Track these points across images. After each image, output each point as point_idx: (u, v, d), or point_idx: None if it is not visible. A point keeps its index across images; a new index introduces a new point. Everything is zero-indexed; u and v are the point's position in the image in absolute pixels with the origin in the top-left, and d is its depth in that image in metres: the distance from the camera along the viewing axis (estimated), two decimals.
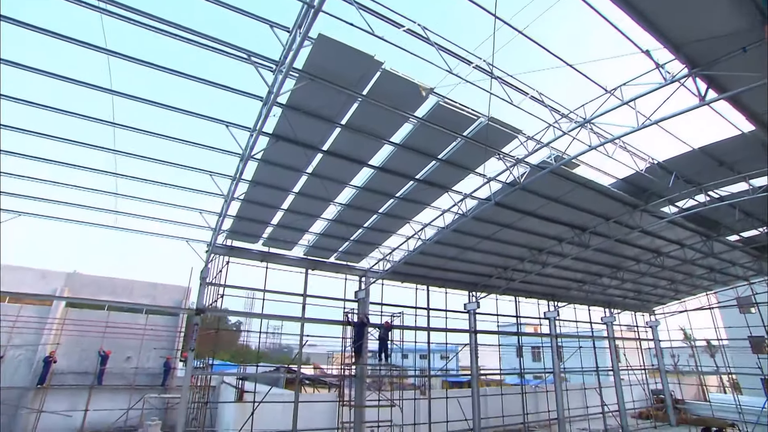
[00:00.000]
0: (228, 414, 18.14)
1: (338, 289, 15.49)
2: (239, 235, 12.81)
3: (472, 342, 17.95)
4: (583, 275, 20.53)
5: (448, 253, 15.53)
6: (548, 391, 21.61)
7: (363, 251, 14.63)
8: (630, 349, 28.44)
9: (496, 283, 18.78)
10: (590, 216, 13.93)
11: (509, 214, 13.26)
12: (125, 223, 11.76)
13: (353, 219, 12.44)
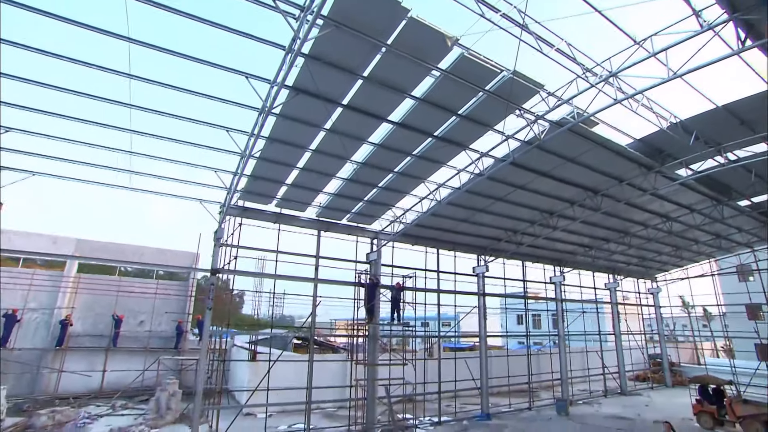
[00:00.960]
0: (241, 373, 18.74)
1: (349, 252, 15.67)
2: (253, 195, 12.78)
3: (480, 304, 18.29)
4: (590, 240, 20.70)
5: (460, 215, 15.58)
6: (552, 353, 22.23)
7: (376, 212, 14.66)
8: (631, 314, 29.15)
9: (505, 247, 18.94)
10: (604, 178, 13.89)
11: (524, 175, 13.21)
12: (139, 183, 11.71)
13: (368, 178, 12.39)
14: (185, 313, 22.29)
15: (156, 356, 20.37)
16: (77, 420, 14.80)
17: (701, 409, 16.82)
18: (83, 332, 20.34)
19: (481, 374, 17.74)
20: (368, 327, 14.12)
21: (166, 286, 22.43)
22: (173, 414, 15.80)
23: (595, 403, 21.21)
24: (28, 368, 18.25)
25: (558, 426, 16.30)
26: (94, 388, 19.26)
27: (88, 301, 20.77)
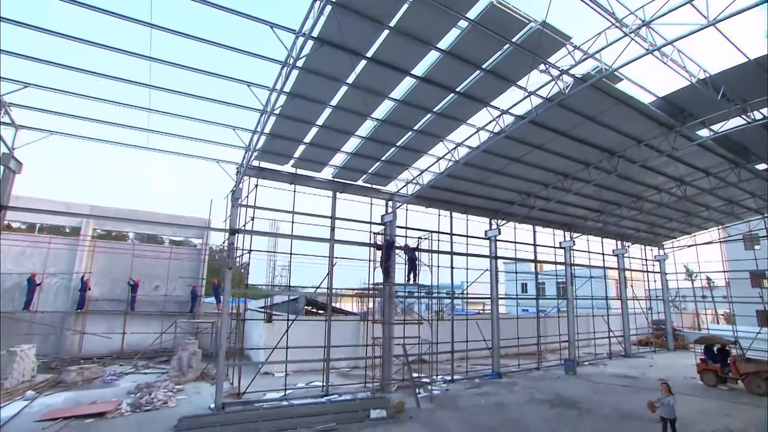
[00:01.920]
0: (257, 334, 19.25)
1: (364, 215, 15.72)
2: (270, 155, 12.73)
3: (492, 267, 18.52)
4: (602, 204, 20.71)
5: (476, 177, 15.57)
6: (560, 316, 22.67)
7: (392, 173, 14.63)
8: (637, 281, 29.59)
9: (517, 211, 19.00)
10: (622, 138, 13.75)
11: (542, 134, 13.10)
12: (157, 142, 11.65)
13: (387, 137, 12.29)
14: (199, 278, 22.67)
15: (172, 320, 20.90)
16: (104, 376, 15.35)
17: (705, 368, 17.28)
18: (101, 297, 20.79)
19: (493, 335, 18.19)
20: (384, 287, 14.37)
21: (178, 252, 22.73)
22: (194, 372, 16.36)
23: (600, 364, 21.82)
24: (52, 330, 18.81)
25: (567, 383, 16.82)
26: (115, 350, 19.89)
27: (103, 266, 21.12)
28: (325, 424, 10.50)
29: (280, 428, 10.20)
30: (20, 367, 14.23)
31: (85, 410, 11.36)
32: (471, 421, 11.42)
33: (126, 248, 21.73)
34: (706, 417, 12.36)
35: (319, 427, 10.25)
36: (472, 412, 12.30)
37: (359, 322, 19.14)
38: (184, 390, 14.11)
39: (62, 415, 10.91)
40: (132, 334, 20.37)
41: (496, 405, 13.16)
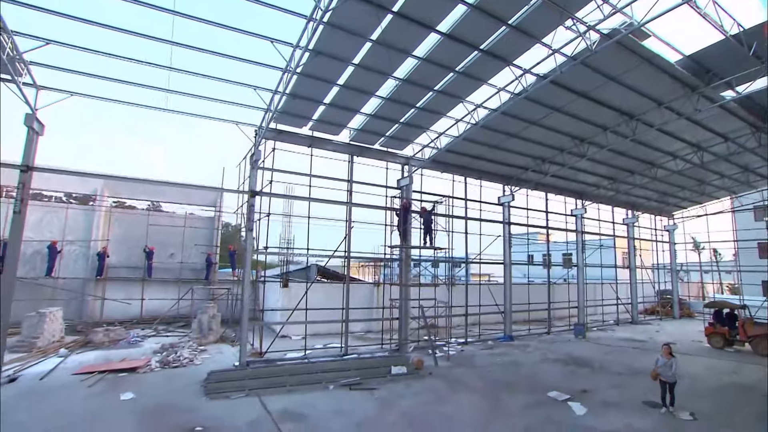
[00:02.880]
0: (273, 299, 19.68)
1: (379, 181, 15.75)
2: (289, 116, 12.65)
3: (505, 233, 18.67)
4: (615, 171, 20.60)
5: (493, 141, 15.49)
6: (569, 283, 22.99)
7: (409, 136, 14.56)
8: (645, 251, 29.79)
9: (530, 177, 18.97)
10: (643, 100, 13.54)
11: (563, 95, 12.94)
12: (176, 104, 11.60)
13: (407, 97, 12.17)
14: (213, 245, 22.99)
15: (188, 287, 21.36)
16: (129, 338, 15.84)
17: (713, 331, 17.63)
18: (118, 264, 21.17)
19: (505, 299, 18.53)
20: (402, 250, 14.56)
21: (192, 221, 22.95)
22: (215, 334, 16.86)
23: (608, 330, 22.28)
24: (73, 295, 19.28)
25: (578, 345, 17.24)
26: (134, 315, 20.40)
27: (119, 235, 21.41)
28: (348, 379, 10.89)
29: (304, 382, 10.59)
30: (50, 327, 14.72)
31: (117, 366, 11.82)
32: (488, 376, 11.81)
33: (141, 216, 21.94)
34: (714, 374, 12.72)
35: (344, 381, 10.64)
36: (488, 369, 12.70)
37: (373, 287, 19.50)
38: (207, 350, 14.57)
39: (97, 369, 11.38)
40: (150, 300, 20.84)
41: (512, 363, 13.56)
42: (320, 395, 9.69)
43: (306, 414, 8.36)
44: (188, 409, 8.53)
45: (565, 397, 9.81)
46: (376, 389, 10.18)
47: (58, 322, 15.43)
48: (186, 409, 8.58)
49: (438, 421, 8.22)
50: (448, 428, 7.81)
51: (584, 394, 10.13)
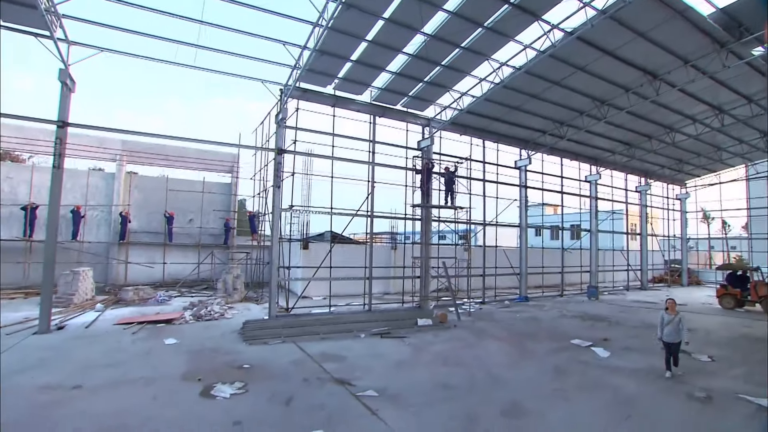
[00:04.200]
0: (294, 258, 20.16)
1: (399, 142, 15.84)
2: (314, 74, 12.63)
3: (522, 196, 18.85)
4: (632, 137, 20.52)
5: (513, 102, 15.46)
6: (582, 250, 23.27)
7: (431, 96, 14.54)
8: (656, 218, 29.94)
9: (547, 141, 18.97)
10: (670, 58, 13.39)
11: (588, 53, 12.83)
12: (204, 61, 11.61)
13: (434, 55, 12.12)
14: (231, 210, 23.35)
15: (207, 251, 21.85)
16: (157, 297, 16.39)
17: (725, 292, 17.97)
18: (140, 229, 21.60)
19: (520, 261, 18.90)
20: (423, 209, 14.82)
21: (210, 187, 23.20)
22: (239, 294, 17.42)
23: (619, 294, 22.76)
24: (98, 259, 19.80)
25: (592, 305, 17.69)
26: (157, 279, 20.97)
27: (139, 200, 21.76)
28: (377, 328, 11.36)
29: (335, 331, 11.06)
30: (83, 285, 15.27)
31: (154, 317, 12.35)
32: (511, 328, 12.26)
33: (160, 182, 22.21)
34: (726, 328, 13.13)
35: (374, 331, 11.11)
36: (510, 323, 13.15)
37: (390, 250, 19.90)
38: (234, 308, 15.09)
39: (136, 320, 11.92)
40: (171, 264, 21.40)
41: (531, 318, 14.02)
42: (353, 342, 10.16)
43: (344, 356, 8.81)
44: (231, 352, 9.01)
45: (587, 343, 10.23)
46: (405, 337, 10.64)
47: (89, 280, 15.98)
48: (229, 351, 9.05)
49: (471, 360, 8.66)
50: (481, 365, 8.24)
51: (605, 341, 10.55)
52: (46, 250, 10.75)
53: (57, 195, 10.72)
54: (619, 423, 5.49)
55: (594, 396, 6.68)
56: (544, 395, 6.64)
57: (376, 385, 6.84)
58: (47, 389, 6.48)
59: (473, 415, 5.72)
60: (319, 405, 6.00)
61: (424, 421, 5.48)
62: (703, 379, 7.57)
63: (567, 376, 7.69)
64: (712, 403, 6.43)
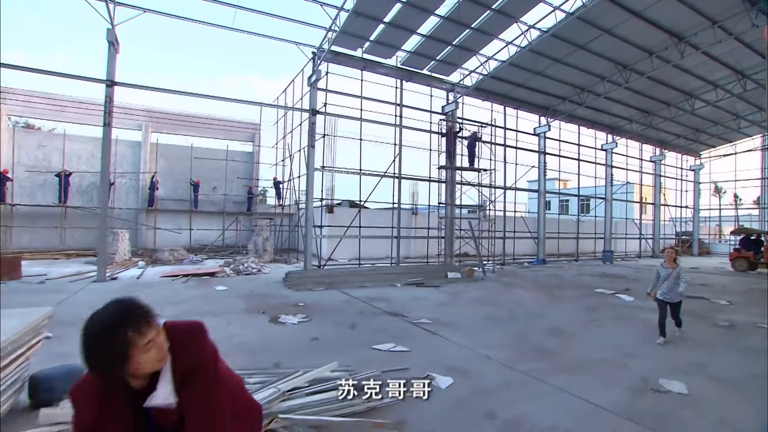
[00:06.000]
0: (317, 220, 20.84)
1: (424, 107, 16.19)
2: (346, 36, 12.90)
3: (540, 162, 19.25)
4: (651, 104, 20.65)
5: (536, 67, 15.68)
6: (597, 217, 23.72)
7: (458, 60, 14.80)
8: (669, 190, 30.22)
9: (566, 108, 19.18)
10: (698, 19, 13.50)
11: (616, 15, 12.99)
12: (241, 22, 11.91)
13: (465, 17, 12.35)
14: (254, 178, 23.91)
15: (232, 218, 22.56)
16: (190, 258, 17.18)
17: (738, 256, 18.49)
18: (166, 197, 22.26)
19: (538, 226, 19.47)
20: (448, 170, 15.32)
21: (233, 155, 23.70)
22: (269, 255, 18.19)
23: (632, 260, 23.36)
24: (128, 225, 20.55)
25: (607, 267, 18.33)
26: (184, 244, 21.71)
27: (165, 168, 22.33)
28: (411, 279, 12.05)
29: (372, 280, 11.76)
30: (122, 246, 16.05)
31: (197, 271, 13.11)
32: (536, 281, 12.92)
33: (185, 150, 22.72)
34: (740, 284, 13.71)
35: (409, 281, 11.80)
36: (533, 278, 13.81)
37: (411, 214, 20.50)
38: (266, 267, 15.82)
39: (181, 273, 12.67)
40: (198, 230, 22.13)
41: (552, 275, 14.68)
42: (391, 289, 10.85)
43: (388, 298, 9.50)
44: (281, 296, 9.71)
45: (611, 291, 10.88)
46: (439, 286, 11.33)
47: (126, 242, 16.76)
48: (279, 295, 9.76)
49: (507, 302, 9.34)
50: (518, 305, 8.91)
51: (627, 291, 11.18)
52: (101, 204, 11.37)
53: (107, 152, 11.27)
54: (653, 340, 6.12)
55: (626, 324, 7.34)
56: (581, 323, 7.30)
57: (427, 317, 7.51)
58: None
59: (522, 335, 6.39)
60: (381, 328, 6.68)
61: (480, 338, 6.14)
62: (724, 315, 8.19)
63: (598, 311, 8.35)
64: (735, 329, 7.07)
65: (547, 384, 4.37)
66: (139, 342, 1.24)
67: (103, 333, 1.22)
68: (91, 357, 1.23)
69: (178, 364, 1.35)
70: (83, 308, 7.54)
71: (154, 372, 1.33)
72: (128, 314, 1.27)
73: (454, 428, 3.38)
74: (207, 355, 1.43)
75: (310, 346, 5.65)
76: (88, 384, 1.35)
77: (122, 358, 1.23)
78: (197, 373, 1.38)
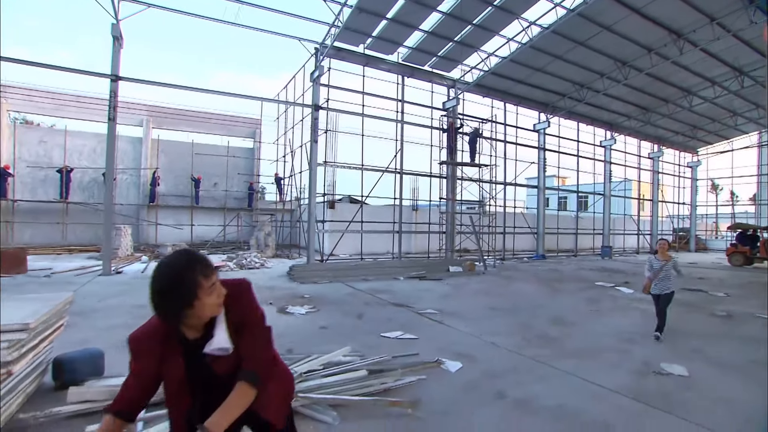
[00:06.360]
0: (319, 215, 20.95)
1: (424, 103, 16.28)
2: (349, 32, 12.99)
3: (540, 158, 19.39)
4: (650, 101, 20.81)
5: (537, 63, 15.79)
6: (596, 213, 23.92)
7: (459, 56, 14.90)
8: (667, 186, 30.49)
9: (565, 105, 19.33)
10: (696, 16, 13.64)
11: (616, 12, 13.11)
12: (246, 18, 11.95)
13: (466, 13, 12.45)
14: (254, 174, 23.97)
15: (233, 214, 22.63)
16: None
17: (735, 251, 18.72)
18: (167, 192, 22.31)
19: (538, 222, 19.63)
20: (449, 165, 15.44)
21: (234, 152, 23.74)
22: (271, 249, 18.30)
23: (630, 256, 23.57)
24: (129, 220, 20.59)
25: (607, 262, 18.53)
26: (185, 240, 21.80)
27: (166, 164, 22.35)
28: (413, 272, 12.18)
29: (375, 273, 11.90)
30: (124, 241, 16.12)
31: None
32: (537, 275, 13.08)
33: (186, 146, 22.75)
34: (737, 278, 13.91)
35: (412, 274, 11.94)
36: (533, 272, 13.97)
37: (411, 210, 20.62)
38: (269, 261, 15.93)
39: None
40: (199, 226, 22.18)
41: (552, 270, 14.84)
42: (394, 282, 10.98)
43: (392, 290, 9.64)
44: (287, 288, 9.83)
45: (611, 284, 11.05)
46: (441, 280, 11.48)
47: (128, 237, 16.82)
48: (284, 288, 9.87)
49: (509, 293, 9.50)
50: (520, 296, 9.07)
51: (626, 284, 11.36)
52: (106, 198, 11.45)
53: (112, 146, 11.33)
54: (652, 328, 6.27)
55: (626, 314, 7.49)
56: (583, 313, 7.46)
57: (432, 307, 7.65)
58: (142, 308, 7.30)
59: (526, 324, 6.54)
60: (388, 318, 6.81)
61: (486, 327, 6.28)
62: (721, 306, 8.37)
63: (599, 302, 8.51)
64: (732, 319, 7.24)
65: (553, 368, 4.51)
66: (205, 284, 1.37)
67: (175, 275, 1.34)
68: (162, 298, 1.35)
69: (231, 314, 1.47)
70: (92, 299, 7.66)
71: (207, 325, 1.45)
72: (195, 260, 1.39)
73: (467, 407, 3.51)
74: (257, 308, 1.56)
75: (320, 334, 5.78)
76: (148, 333, 1.47)
77: (190, 299, 1.35)
78: (249, 323, 1.50)
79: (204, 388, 1.49)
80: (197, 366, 1.47)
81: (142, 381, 1.48)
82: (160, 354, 1.45)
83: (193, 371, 1.47)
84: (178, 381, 1.46)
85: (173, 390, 1.48)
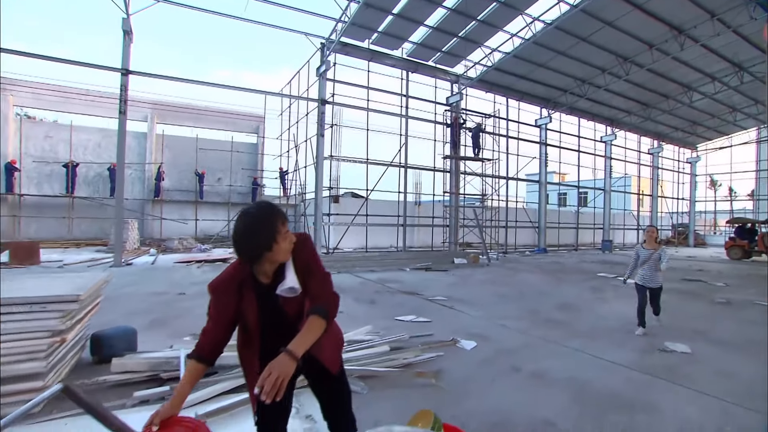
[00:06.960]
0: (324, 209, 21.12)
1: (428, 99, 16.46)
2: (355, 28, 13.14)
3: (542, 153, 19.61)
4: (650, 96, 21.01)
5: (539, 59, 15.97)
6: (596, 208, 24.17)
7: (463, 52, 15.08)
8: (666, 182, 30.77)
9: (567, 101, 19.52)
10: (697, 12, 13.83)
11: (618, 8, 13.28)
12: (252, 12, 12.10)
13: (471, 9, 12.62)
14: (258, 169, 24.12)
15: (236, 209, 22.77)
16: (199, 247, 17.45)
17: (733, 244, 19.00)
18: (171, 187, 22.46)
19: (539, 216, 19.86)
20: (452, 160, 15.65)
21: (237, 146, 23.88)
22: None
23: (630, 250, 23.82)
24: (135, 215, 20.76)
25: (607, 256, 18.79)
26: (189, 234, 21.98)
27: (170, 159, 22.49)
28: (419, 264, 12.40)
29: (381, 265, 12.11)
30: (132, 235, 16.30)
31: (208, 257, 13.40)
32: (540, 267, 13.32)
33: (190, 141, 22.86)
34: (735, 270, 14.18)
35: (418, 265, 12.15)
36: (536, 264, 14.21)
37: (414, 205, 20.84)
38: None
39: (194, 260, 12.96)
40: (203, 221, 22.36)
41: (554, 262, 15.09)
42: (402, 273, 11.19)
43: (401, 280, 9.85)
44: None
45: (613, 275, 11.28)
46: (447, 270, 11.70)
47: (135, 231, 17.01)
48: None
49: (515, 283, 9.72)
50: (526, 285, 9.30)
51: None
52: (118, 191, 11.63)
53: (122, 140, 11.50)
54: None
55: (630, 302, 7.63)
56: (588, 300, 7.70)
57: (441, 294, 7.87)
58: (157, 295, 7.51)
59: (534, 309, 6.76)
60: (400, 304, 7.03)
61: (495, 312, 6.51)
62: (721, 294, 8.62)
63: (602, 291, 8.75)
64: (732, 306, 7.49)
65: (563, 346, 4.74)
66: (282, 229, 1.57)
67: (258, 221, 1.54)
68: (248, 238, 1.53)
69: (298, 260, 1.67)
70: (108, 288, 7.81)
71: (276, 272, 1.64)
72: (274, 208, 1.60)
73: (486, 378, 3.74)
74: (318, 255, 1.75)
75: (337, 318, 5.97)
76: (226, 279, 1.66)
77: (270, 242, 1.53)
78: (313, 268, 1.69)
79: (274, 327, 1.69)
80: (269, 308, 1.66)
81: (220, 325, 1.66)
82: (236, 297, 1.64)
83: (266, 313, 1.66)
84: (252, 321, 1.65)
85: (249, 330, 1.67)
